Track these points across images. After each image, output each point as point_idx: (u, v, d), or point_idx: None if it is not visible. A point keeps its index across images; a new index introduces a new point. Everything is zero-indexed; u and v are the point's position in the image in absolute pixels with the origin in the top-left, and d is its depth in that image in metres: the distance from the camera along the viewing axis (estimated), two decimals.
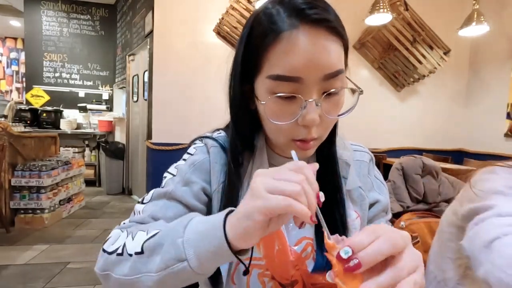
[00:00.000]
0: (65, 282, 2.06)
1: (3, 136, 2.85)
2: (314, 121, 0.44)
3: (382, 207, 0.59)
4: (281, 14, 0.44)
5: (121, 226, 0.50)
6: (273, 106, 0.45)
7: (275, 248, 0.50)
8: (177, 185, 0.52)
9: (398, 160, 2.31)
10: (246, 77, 0.50)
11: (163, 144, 3.25)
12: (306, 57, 0.42)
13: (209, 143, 0.57)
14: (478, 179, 0.65)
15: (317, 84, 0.44)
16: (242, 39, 0.49)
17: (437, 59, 3.42)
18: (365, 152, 0.63)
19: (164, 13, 3.23)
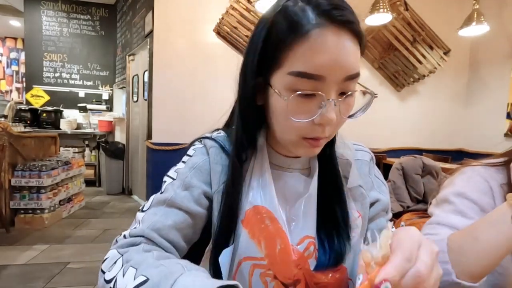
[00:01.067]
0: (65, 282, 2.06)
1: (3, 136, 2.85)
2: (332, 121, 0.45)
3: (382, 206, 0.59)
4: (308, 12, 0.44)
5: (119, 245, 0.48)
6: (292, 102, 0.45)
7: (277, 248, 0.50)
8: (176, 191, 0.52)
9: (398, 160, 2.31)
10: (260, 72, 0.49)
11: (163, 144, 3.26)
12: (332, 57, 0.43)
13: (208, 144, 0.56)
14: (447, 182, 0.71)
15: (338, 85, 0.45)
16: (260, 33, 0.48)
17: (437, 59, 3.42)
18: (366, 151, 0.63)
19: (164, 13, 3.23)
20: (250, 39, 0.51)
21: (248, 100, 0.52)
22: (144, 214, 0.51)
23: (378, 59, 3.67)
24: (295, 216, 0.53)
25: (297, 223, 0.53)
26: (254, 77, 0.49)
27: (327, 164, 0.55)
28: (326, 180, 0.55)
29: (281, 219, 0.51)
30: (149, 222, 0.48)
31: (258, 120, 0.54)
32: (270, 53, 0.46)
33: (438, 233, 0.63)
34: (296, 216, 0.53)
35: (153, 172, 3.35)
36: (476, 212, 0.64)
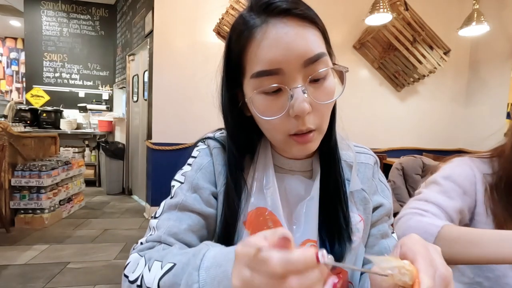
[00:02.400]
0: (65, 282, 2.06)
1: (3, 136, 2.85)
2: (304, 109, 0.43)
3: (385, 211, 0.58)
4: (252, 14, 0.46)
5: (139, 248, 0.48)
6: (260, 102, 0.46)
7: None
8: (186, 194, 0.52)
9: (398, 160, 2.31)
10: (234, 84, 0.51)
11: (163, 144, 3.26)
12: (281, 47, 0.43)
13: (211, 144, 0.57)
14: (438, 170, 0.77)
15: (299, 72, 0.44)
16: (225, 48, 0.51)
17: (437, 59, 3.42)
18: (370, 154, 0.63)
19: (164, 13, 3.23)
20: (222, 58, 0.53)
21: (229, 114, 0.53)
22: (157, 220, 0.51)
23: (378, 59, 3.67)
24: (296, 219, 0.53)
25: (299, 226, 0.52)
26: (228, 91, 0.52)
27: (330, 167, 0.55)
28: (328, 183, 0.54)
29: (284, 221, 0.51)
30: (165, 228, 0.49)
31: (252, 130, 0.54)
32: (234, 64, 0.49)
33: (428, 209, 0.68)
34: (298, 219, 0.52)
35: (153, 172, 3.35)
36: (459, 194, 0.70)
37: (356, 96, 3.72)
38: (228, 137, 0.55)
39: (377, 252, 0.55)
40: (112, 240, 2.80)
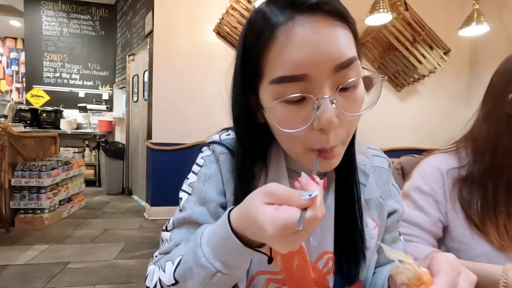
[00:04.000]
0: (65, 282, 2.06)
1: (3, 136, 2.84)
2: (331, 123, 0.38)
3: (399, 217, 0.57)
4: (274, 10, 0.39)
5: (154, 261, 0.50)
6: (281, 112, 0.40)
7: (294, 263, 0.48)
8: (193, 207, 0.50)
9: (397, 160, 2.30)
10: (249, 88, 0.45)
11: (163, 144, 3.25)
12: (308, 49, 0.37)
13: (217, 150, 0.52)
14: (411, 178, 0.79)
15: (328, 79, 0.38)
16: (239, 47, 0.45)
17: (437, 59, 3.42)
18: (384, 158, 0.59)
19: (164, 13, 3.23)
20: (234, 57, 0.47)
21: (243, 122, 0.48)
22: (170, 233, 0.51)
23: (378, 59, 3.67)
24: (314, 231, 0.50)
25: (315, 237, 0.49)
26: (242, 96, 0.46)
27: (345, 172, 0.50)
28: (344, 191, 0.50)
29: None
30: (176, 240, 0.50)
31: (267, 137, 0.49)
32: (251, 66, 0.42)
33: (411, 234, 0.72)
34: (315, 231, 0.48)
35: (153, 172, 3.35)
36: (431, 205, 0.73)
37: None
38: (238, 144, 0.50)
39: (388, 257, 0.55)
40: (112, 240, 2.80)
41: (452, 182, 0.73)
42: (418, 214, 0.73)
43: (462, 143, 0.77)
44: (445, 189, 0.73)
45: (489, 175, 0.69)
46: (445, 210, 0.73)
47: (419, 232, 0.72)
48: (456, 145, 0.78)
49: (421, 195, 0.74)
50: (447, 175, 0.74)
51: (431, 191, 0.74)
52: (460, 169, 0.73)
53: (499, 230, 0.67)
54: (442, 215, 0.73)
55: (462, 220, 0.71)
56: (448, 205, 0.73)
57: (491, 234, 0.67)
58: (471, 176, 0.71)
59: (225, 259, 0.37)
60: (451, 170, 0.74)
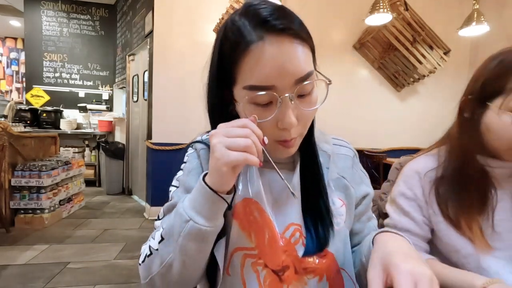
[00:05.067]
0: (65, 282, 2.06)
1: (3, 136, 2.85)
2: (291, 124, 0.48)
3: (371, 198, 0.65)
4: (247, 26, 0.47)
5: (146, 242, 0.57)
6: (251, 111, 0.49)
7: (265, 237, 0.53)
8: (180, 196, 0.57)
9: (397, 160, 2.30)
10: (223, 85, 0.53)
11: (163, 144, 3.26)
12: (275, 65, 0.46)
13: (198, 147, 0.61)
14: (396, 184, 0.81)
15: (290, 89, 0.47)
16: (215, 51, 0.53)
17: (437, 59, 3.42)
18: (349, 148, 0.68)
19: (164, 13, 3.23)
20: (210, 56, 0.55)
21: (218, 113, 0.56)
22: (160, 221, 0.57)
23: (378, 59, 3.67)
24: (280, 206, 0.56)
25: (283, 211, 0.56)
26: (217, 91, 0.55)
27: (309, 157, 0.59)
28: (308, 171, 0.58)
29: (268, 209, 0.55)
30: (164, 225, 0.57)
31: None
32: (226, 70, 0.51)
33: None
34: (282, 206, 0.56)
35: (153, 172, 3.35)
36: (416, 210, 0.75)
37: (356, 96, 3.73)
38: None
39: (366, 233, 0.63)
40: (112, 240, 2.80)
41: (430, 185, 0.75)
42: (407, 220, 0.76)
43: (440, 143, 0.80)
44: (424, 193, 0.75)
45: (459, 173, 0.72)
46: (428, 213, 0.75)
47: (411, 238, 0.73)
48: (437, 145, 0.81)
49: (406, 200, 0.77)
50: (424, 178, 0.76)
51: (414, 196, 0.76)
52: (437, 169, 0.75)
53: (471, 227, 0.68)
54: (426, 219, 0.75)
55: (443, 223, 0.72)
56: (429, 209, 0.74)
57: (465, 231, 0.68)
58: (446, 175, 0.73)
59: (198, 209, 0.46)
60: (429, 172, 0.76)
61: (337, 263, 0.56)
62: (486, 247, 0.67)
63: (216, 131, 0.45)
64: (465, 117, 0.74)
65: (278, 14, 0.47)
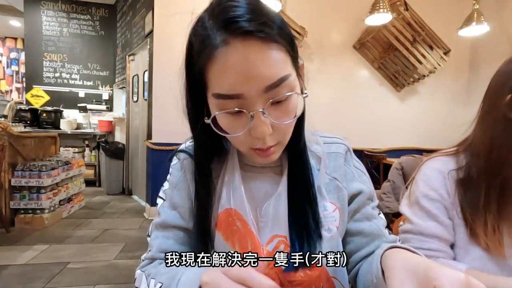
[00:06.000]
0: (65, 282, 2.06)
1: (3, 136, 2.85)
2: (264, 133, 0.44)
3: (366, 196, 0.59)
4: (213, 29, 0.42)
5: (141, 265, 0.57)
6: (223, 120, 0.46)
7: (248, 248, 0.51)
8: (167, 212, 0.58)
9: (397, 160, 2.30)
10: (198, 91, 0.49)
11: (163, 144, 3.25)
12: (240, 73, 0.41)
13: (181, 157, 0.61)
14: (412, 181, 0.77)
15: (261, 97, 0.43)
16: (186, 52, 0.49)
17: (437, 59, 3.42)
18: (341, 143, 0.61)
19: (164, 13, 3.23)
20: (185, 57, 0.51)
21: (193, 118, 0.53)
22: (150, 239, 0.58)
23: (378, 59, 3.67)
24: (264, 216, 0.53)
25: (266, 222, 0.53)
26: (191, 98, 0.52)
27: (298, 161, 0.55)
28: (296, 177, 0.54)
29: (250, 220, 0.52)
30: (155, 247, 0.56)
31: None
32: (196, 75, 0.47)
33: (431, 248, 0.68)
34: (265, 216, 0.53)
35: (153, 172, 3.35)
36: (442, 211, 0.70)
37: (356, 96, 3.72)
38: (195, 141, 0.56)
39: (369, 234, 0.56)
40: (112, 240, 2.80)
41: (454, 185, 0.71)
42: (434, 225, 0.69)
43: (462, 146, 0.76)
44: (449, 193, 0.71)
45: (484, 175, 0.68)
46: (452, 215, 0.71)
47: (441, 246, 0.68)
48: (456, 148, 0.76)
49: (432, 202, 0.71)
50: (449, 177, 0.71)
51: (439, 197, 0.71)
52: (458, 170, 0.72)
53: (487, 230, 0.65)
54: (452, 222, 0.70)
55: (461, 225, 0.69)
56: (453, 210, 0.70)
57: (479, 234, 0.66)
58: (468, 177, 0.70)
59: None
60: (452, 171, 0.72)
61: (327, 272, 0.53)
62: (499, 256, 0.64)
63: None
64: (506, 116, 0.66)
65: (249, 13, 0.41)
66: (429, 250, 0.68)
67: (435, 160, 0.76)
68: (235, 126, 0.45)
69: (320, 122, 0.61)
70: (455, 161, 0.74)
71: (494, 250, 0.64)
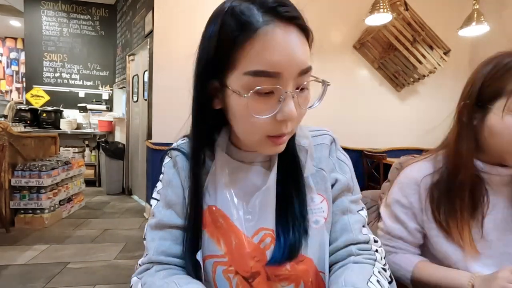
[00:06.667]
0: (65, 282, 2.06)
1: (3, 136, 2.85)
2: (292, 114, 0.45)
3: (341, 186, 0.58)
4: (255, 11, 0.44)
5: (137, 272, 0.55)
6: (251, 101, 0.45)
7: (232, 243, 0.52)
8: (162, 212, 0.56)
9: (397, 160, 2.30)
10: (213, 74, 0.49)
11: (163, 144, 3.25)
12: (284, 52, 0.43)
13: (173, 154, 0.60)
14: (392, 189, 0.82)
15: (294, 79, 0.45)
16: (211, 36, 0.48)
17: (437, 59, 3.42)
18: (327, 134, 0.62)
19: (164, 13, 3.23)
20: (200, 43, 0.51)
21: (202, 104, 0.54)
22: (146, 242, 0.57)
23: (378, 59, 3.67)
24: (251, 209, 0.54)
25: (254, 215, 0.53)
26: (209, 81, 0.50)
27: (286, 156, 0.55)
28: (285, 171, 0.55)
29: (232, 215, 0.53)
30: (153, 249, 0.54)
31: (216, 123, 0.56)
32: (223, 55, 0.46)
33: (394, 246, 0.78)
34: (252, 209, 0.54)
35: (153, 172, 3.35)
36: (410, 217, 0.76)
37: (356, 96, 3.72)
38: (192, 127, 0.57)
39: (339, 229, 0.56)
40: (112, 240, 2.80)
41: (426, 192, 0.75)
42: (399, 228, 0.77)
43: (440, 147, 0.80)
44: (421, 201, 0.75)
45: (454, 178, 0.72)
46: (422, 220, 0.76)
47: (403, 245, 0.77)
48: (435, 150, 0.81)
49: (401, 208, 0.77)
50: (421, 184, 0.76)
51: (409, 204, 0.76)
52: (434, 174, 0.75)
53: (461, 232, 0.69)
54: (420, 226, 0.76)
55: (435, 229, 0.73)
56: (423, 215, 0.75)
57: (454, 237, 0.69)
58: (441, 180, 0.74)
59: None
60: (425, 178, 0.76)
61: (315, 267, 0.53)
62: (474, 253, 0.68)
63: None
64: (463, 122, 0.73)
65: (284, 2, 0.45)
66: (393, 248, 0.78)
67: (413, 166, 0.80)
68: (263, 108, 0.45)
69: (320, 122, 0.61)
70: (432, 164, 0.77)
71: (468, 248, 0.68)
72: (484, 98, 0.68)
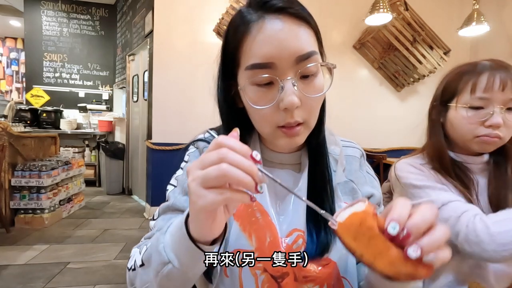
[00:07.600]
0: (65, 282, 2.06)
1: (3, 136, 2.85)
2: (293, 103, 0.46)
3: (376, 200, 0.61)
4: (250, 10, 0.49)
5: (138, 245, 0.55)
6: (252, 93, 0.48)
7: (266, 240, 0.52)
8: (177, 197, 0.56)
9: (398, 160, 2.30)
10: (229, 75, 0.53)
11: (163, 144, 3.25)
12: (275, 42, 0.45)
13: (200, 146, 0.61)
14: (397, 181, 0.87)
15: (291, 68, 0.46)
16: (224, 39, 0.53)
17: (437, 59, 3.42)
18: (357, 148, 0.65)
19: (164, 13, 3.23)
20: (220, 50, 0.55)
21: (225, 105, 0.56)
22: (155, 221, 0.56)
23: (378, 59, 3.66)
24: (284, 210, 0.55)
25: (286, 217, 0.54)
26: (223, 81, 0.55)
27: (317, 161, 0.57)
28: (315, 175, 0.56)
29: (270, 212, 0.53)
30: (158, 227, 0.54)
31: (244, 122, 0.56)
32: (230, 56, 0.51)
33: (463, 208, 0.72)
34: (285, 210, 0.55)
35: (153, 172, 3.35)
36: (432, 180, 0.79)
37: (356, 96, 3.72)
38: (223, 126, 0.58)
39: None
40: (112, 240, 2.80)
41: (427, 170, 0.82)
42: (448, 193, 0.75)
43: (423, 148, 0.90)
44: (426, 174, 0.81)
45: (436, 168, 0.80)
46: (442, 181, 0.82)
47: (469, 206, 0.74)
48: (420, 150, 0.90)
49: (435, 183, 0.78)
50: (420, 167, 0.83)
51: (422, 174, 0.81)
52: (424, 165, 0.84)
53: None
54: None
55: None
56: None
57: None
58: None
59: (178, 252, 0.41)
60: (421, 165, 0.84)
61: (338, 271, 0.53)
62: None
63: (191, 165, 0.36)
64: (433, 120, 0.90)
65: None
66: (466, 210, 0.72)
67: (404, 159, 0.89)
68: (264, 99, 0.47)
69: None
70: (421, 158, 0.87)
71: None
72: (445, 98, 0.85)
